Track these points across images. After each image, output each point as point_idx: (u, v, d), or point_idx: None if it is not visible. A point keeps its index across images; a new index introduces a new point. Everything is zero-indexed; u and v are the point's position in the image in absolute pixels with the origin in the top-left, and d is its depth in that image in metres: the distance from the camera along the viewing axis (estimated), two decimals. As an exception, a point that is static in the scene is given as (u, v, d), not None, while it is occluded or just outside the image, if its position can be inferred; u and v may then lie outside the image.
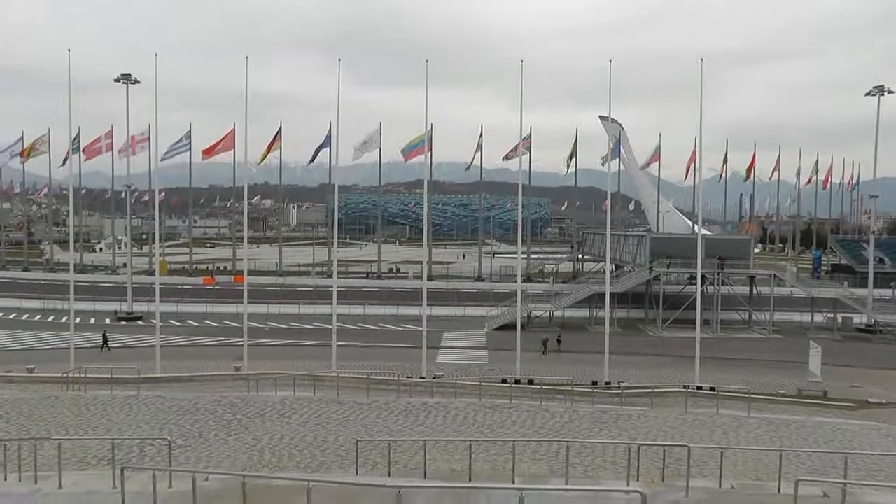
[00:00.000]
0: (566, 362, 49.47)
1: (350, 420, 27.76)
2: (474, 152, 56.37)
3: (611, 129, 57.57)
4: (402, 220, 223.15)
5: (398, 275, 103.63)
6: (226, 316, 67.79)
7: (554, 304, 68.02)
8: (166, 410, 29.21)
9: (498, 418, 28.40)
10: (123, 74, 69.01)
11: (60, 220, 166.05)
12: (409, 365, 43.37)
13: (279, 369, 39.94)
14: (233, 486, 13.58)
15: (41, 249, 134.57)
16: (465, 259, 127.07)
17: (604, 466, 21.18)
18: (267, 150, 47.19)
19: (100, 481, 16.47)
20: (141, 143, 51.69)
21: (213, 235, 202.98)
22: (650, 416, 29.82)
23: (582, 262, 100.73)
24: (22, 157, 54.60)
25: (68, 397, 33.05)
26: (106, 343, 54.80)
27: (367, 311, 71.12)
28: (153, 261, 74.71)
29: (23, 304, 75.62)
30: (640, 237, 77.23)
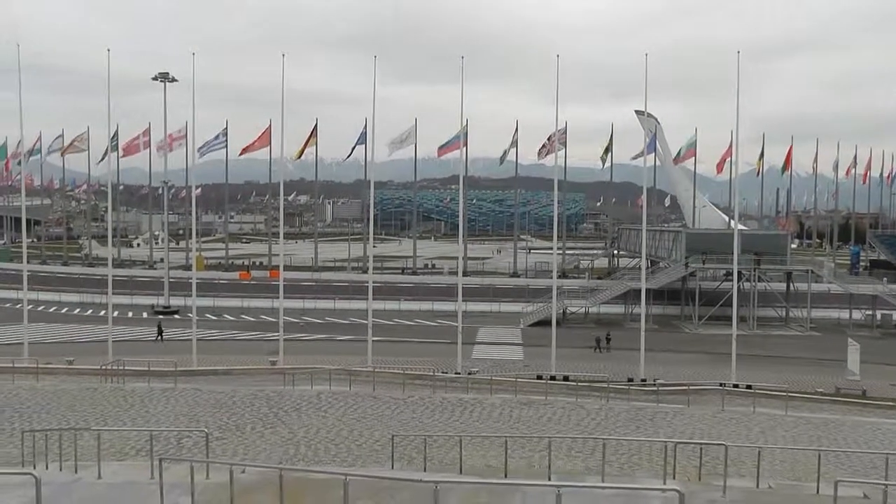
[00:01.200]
0: (612, 360, 49.08)
1: (386, 415, 27.88)
2: (509, 147, 56.07)
3: (646, 123, 57.20)
4: (438, 215, 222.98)
5: (433, 270, 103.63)
6: (261, 310, 68.29)
7: (589, 300, 67.76)
8: (203, 403, 29.53)
9: (533, 415, 28.39)
10: (161, 73, 69.86)
11: (99, 215, 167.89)
12: (444, 360, 43.45)
13: (315, 364, 40.20)
14: (270, 479, 13.70)
15: (80, 244, 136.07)
16: (501, 255, 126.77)
17: (640, 464, 21.09)
18: (303, 147, 47.47)
19: (138, 472, 16.68)
20: (178, 141, 52.18)
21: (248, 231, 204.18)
22: (686, 413, 29.64)
23: (617, 257, 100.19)
24: (62, 153, 55.30)
25: (107, 389, 33.52)
26: (161, 333, 55.75)
27: (403, 306, 71.32)
28: (190, 256, 75.32)
29: (62, 298, 76.75)
30: (676, 233, 76.72)
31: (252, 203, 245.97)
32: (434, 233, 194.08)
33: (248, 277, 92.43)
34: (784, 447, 23.35)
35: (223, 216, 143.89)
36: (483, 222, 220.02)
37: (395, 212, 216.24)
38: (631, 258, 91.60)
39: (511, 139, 56.54)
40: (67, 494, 14.53)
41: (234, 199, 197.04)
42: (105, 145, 48.52)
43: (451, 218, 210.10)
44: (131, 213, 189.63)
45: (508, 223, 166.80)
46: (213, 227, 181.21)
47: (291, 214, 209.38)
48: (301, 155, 48.51)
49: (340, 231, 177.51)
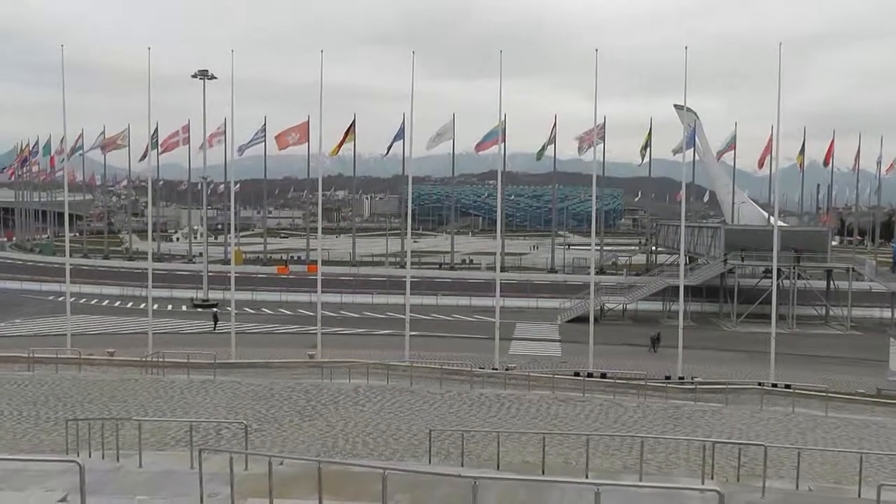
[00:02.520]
0: (650, 357, 48.89)
1: (423, 409, 28.00)
2: (547, 143, 55.91)
3: (685, 117, 56.66)
4: (475, 211, 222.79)
5: (471, 266, 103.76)
6: (299, 304, 68.76)
7: (627, 297, 67.40)
8: (242, 395, 29.84)
9: (571, 411, 28.36)
10: (200, 70, 70.60)
11: (139, 210, 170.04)
12: (481, 356, 43.43)
13: (352, 358, 40.42)
14: (308, 471, 13.79)
15: (121, 238, 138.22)
16: (538, 250, 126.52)
17: (677, 463, 20.99)
18: (341, 142, 47.63)
19: (178, 461, 16.88)
20: (217, 137, 52.75)
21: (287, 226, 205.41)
22: (724, 412, 29.40)
23: (655, 254, 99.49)
24: (104, 150, 56.18)
25: (147, 380, 34.04)
26: (216, 323, 56.66)
27: (440, 301, 71.39)
28: (229, 250, 76.16)
29: (103, 291, 77.91)
30: (715, 229, 75.94)
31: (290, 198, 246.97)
32: (472, 228, 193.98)
33: (286, 272, 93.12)
34: (824, 449, 23.12)
35: (262, 211, 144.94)
36: (520, 218, 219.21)
37: (432, 207, 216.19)
38: (669, 254, 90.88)
39: (549, 134, 56.41)
40: (110, 482, 14.74)
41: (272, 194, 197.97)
42: (145, 142, 49.30)
43: (488, 213, 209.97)
44: (171, 209, 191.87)
45: (546, 219, 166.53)
46: (252, 222, 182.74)
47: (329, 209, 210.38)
48: (338, 151, 48.70)
49: (378, 226, 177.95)
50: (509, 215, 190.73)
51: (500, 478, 14.06)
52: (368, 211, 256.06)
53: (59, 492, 13.18)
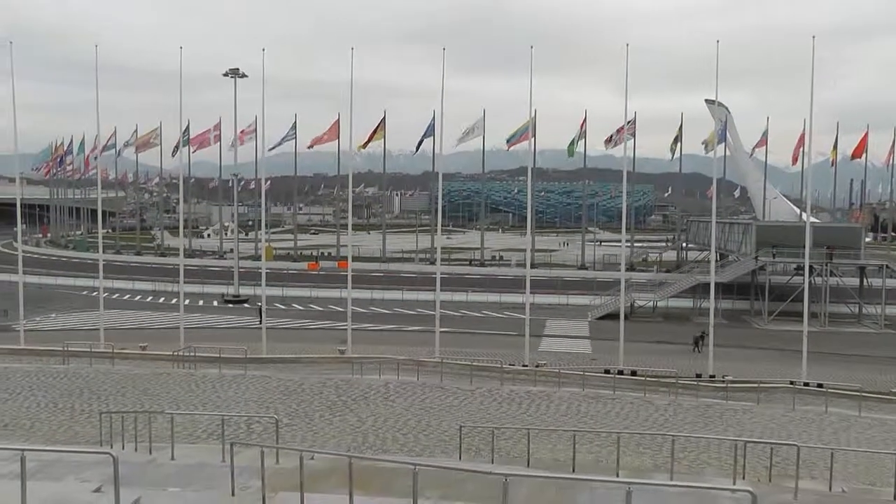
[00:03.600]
0: (680, 355, 48.31)
1: (453, 406, 28.05)
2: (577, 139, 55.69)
3: (717, 112, 56.16)
4: (506, 207, 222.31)
5: (501, 262, 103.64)
6: (330, 300, 69.04)
7: (657, 293, 67.04)
8: (272, 390, 30.07)
9: (601, 409, 28.28)
10: (232, 69, 71.14)
11: (170, 207, 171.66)
12: (511, 353, 43.38)
13: (382, 353, 40.55)
14: (339, 466, 13.87)
15: (152, 235, 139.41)
16: (568, 247, 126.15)
17: (709, 463, 20.86)
18: (370, 137, 47.71)
19: (210, 454, 17.10)
20: (248, 135, 53.22)
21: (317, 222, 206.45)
22: (756, 411, 29.18)
23: (686, 250, 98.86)
24: (137, 150, 56.85)
25: (179, 374, 34.46)
26: (261, 316, 57.25)
27: (470, 297, 71.37)
28: (259, 246, 76.54)
29: (135, 286, 78.77)
30: (746, 225, 75.24)
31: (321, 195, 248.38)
32: (502, 224, 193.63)
33: (317, 268, 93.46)
34: (858, 449, 22.85)
35: (292, 208, 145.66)
36: (551, 214, 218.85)
37: (462, 203, 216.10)
38: (700, 251, 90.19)
39: (579, 130, 56.20)
40: (143, 474, 14.90)
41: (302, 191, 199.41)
42: (177, 140, 49.76)
43: (518, 210, 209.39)
44: (202, 205, 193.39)
45: (576, 215, 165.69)
46: (282, 219, 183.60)
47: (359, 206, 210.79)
48: (367, 145, 48.80)
49: (408, 222, 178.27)
50: (539, 212, 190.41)
51: (530, 475, 14.03)
52: (398, 207, 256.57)
53: (94, 482, 13.37)
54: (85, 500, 12.54)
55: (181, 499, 13.48)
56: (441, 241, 61.71)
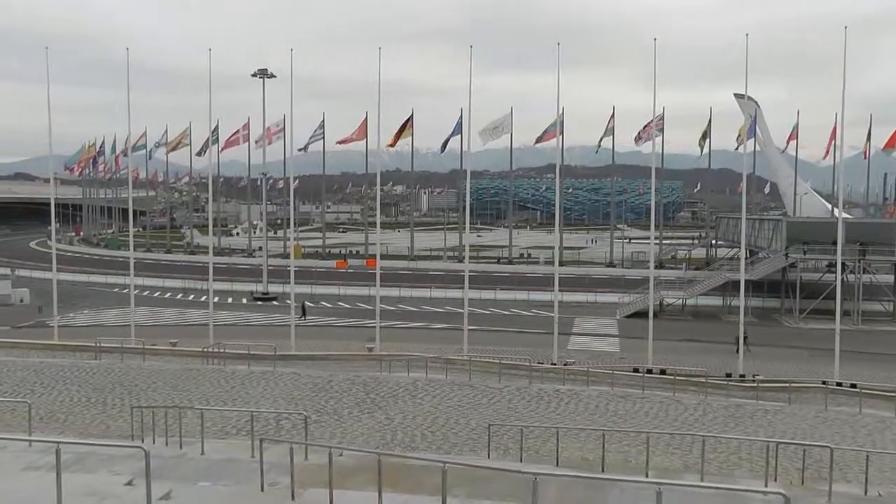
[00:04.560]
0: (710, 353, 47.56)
1: (482, 404, 28.02)
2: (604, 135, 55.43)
3: (746, 107, 55.61)
4: (533, 205, 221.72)
5: (529, 260, 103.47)
6: (358, 298, 69.24)
7: (686, 291, 66.55)
8: (301, 387, 30.22)
9: (630, 408, 28.12)
10: (260, 69, 71.70)
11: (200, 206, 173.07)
12: (539, 351, 43.28)
13: (411, 351, 40.61)
14: (367, 463, 13.91)
15: (182, 233, 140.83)
16: (596, 244, 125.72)
17: (739, 464, 20.64)
18: (398, 135, 47.75)
19: (239, 450, 17.18)
20: (276, 134, 53.41)
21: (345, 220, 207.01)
22: (787, 412, 28.78)
23: (715, 247, 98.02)
24: (168, 150, 57.58)
25: (209, 370, 34.75)
26: (304, 314, 57.76)
27: (498, 295, 71.28)
28: (288, 244, 77.04)
29: (166, 284, 79.53)
30: (776, 221, 74.21)
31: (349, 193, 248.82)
32: (530, 222, 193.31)
33: (345, 266, 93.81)
34: (894, 452, 22.51)
35: (320, 206, 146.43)
36: (579, 211, 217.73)
37: (490, 201, 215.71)
38: (729, 248, 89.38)
39: (606, 126, 55.95)
40: (173, 468, 15.07)
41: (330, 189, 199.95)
42: (206, 140, 50.30)
43: (546, 207, 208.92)
44: (231, 204, 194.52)
45: (604, 212, 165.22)
46: (311, 217, 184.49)
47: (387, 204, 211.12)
48: (396, 143, 48.84)
49: (436, 220, 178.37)
50: (567, 209, 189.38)
51: (559, 474, 14.00)
52: (426, 205, 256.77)
53: (126, 475, 13.58)
54: (117, 493, 12.73)
55: (211, 493, 13.61)
56: (469, 239, 61.68)
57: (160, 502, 11.66)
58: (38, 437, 16.79)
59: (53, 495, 10.46)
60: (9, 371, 33.28)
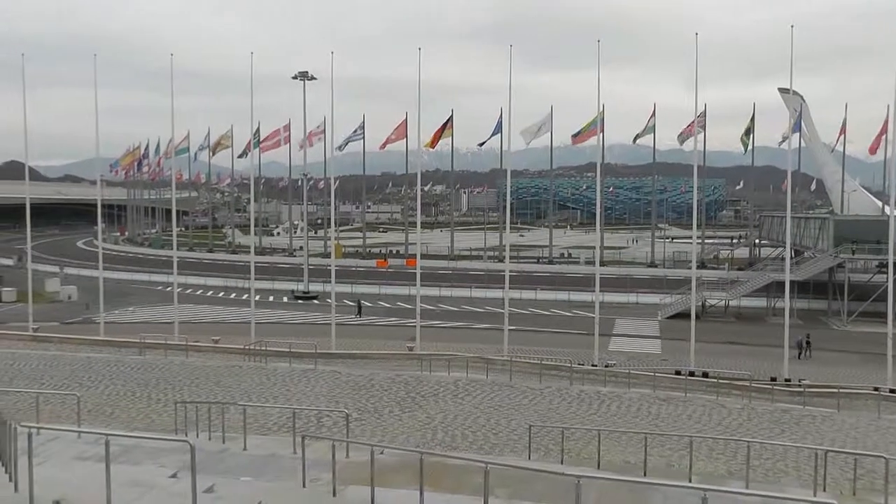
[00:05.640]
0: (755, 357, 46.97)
1: (523, 405, 27.90)
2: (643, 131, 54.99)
3: (791, 101, 54.73)
4: (573, 204, 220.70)
5: (569, 259, 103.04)
6: (398, 297, 69.47)
7: (729, 292, 65.79)
8: (342, 385, 30.30)
9: (672, 411, 27.80)
10: (301, 72, 72.31)
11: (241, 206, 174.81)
12: (580, 352, 43.05)
13: (451, 351, 40.60)
14: (409, 462, 13.89)
15: (224, 233, 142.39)
16: (638, 244, 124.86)
17: (786, 471, 20.19)
18: (438, 136, 47.75)
19: (281, 446, 17.28)
20: (317, 136, 53.89)
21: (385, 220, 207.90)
22: (837, 419, 28.09)
23: (759, 247, 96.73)
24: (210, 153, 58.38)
25: (250, 367, 35.05)
26: (360, 311, 58.26)
27: (539, 295, 71.08)
28: (328, 244, 77.43)
29: (207, 282, 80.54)
30: (823, 220, 72.90)
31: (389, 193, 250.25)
32: (570, 222, 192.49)
33: (385, 265, 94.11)
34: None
35: (361, 206, 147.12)
36: (619, 211, 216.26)
37: (530, 200, 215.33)
38: (773, 248, 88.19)
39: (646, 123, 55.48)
40: (216, 462, 15.22)
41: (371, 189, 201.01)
42: (247, 141, 50.90)
43: (586, 206, 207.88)
44: (272, 204, 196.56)
45: (645, 211, 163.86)
46: (351, 217, 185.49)
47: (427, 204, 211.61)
48: (435, 144, 48.88)
49: (476, 220, 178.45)
50: (608, 208, 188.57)
51: (602, 477, 13.86)
52: (466, 205, 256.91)
53: (171, 468, 13.75)
54: (163, 485, 12.89)
55: (254, 488, 13.68)
56: (511, 239, 61.47)
57: (204, 495, 11.74)
58: (87, 429, 17.06)
59: (102, 484, 10.62)
60: (58, 365, 33.94)
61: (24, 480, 10.99)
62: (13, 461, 11.59)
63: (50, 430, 15.48)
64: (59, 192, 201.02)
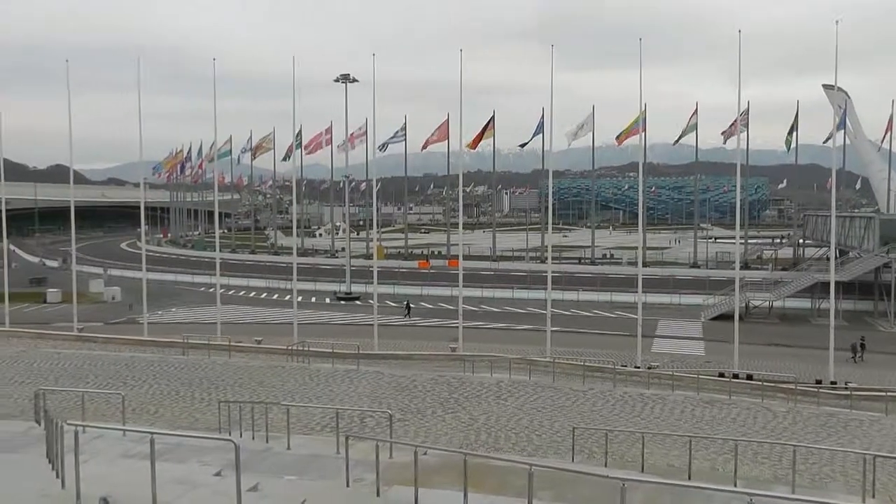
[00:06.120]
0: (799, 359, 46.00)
1: (566, 406, 27.81)
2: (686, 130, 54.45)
3: (835, 98, 53.96)
4: (615, 204, 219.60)
5: (611, 260, 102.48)
6: (440, 298, 69.56)
7: (773, 293, 64.93)
8: (385, 385, 30.39)
9: (716, 414, 27.53)
10: (342, 74, 72.78)
11: (283, 208, 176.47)
12: (623, 353, 42.83)
13: (493, 352, 40.58)
14: (452, 463, 13.92)
15: (266, 235, 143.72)
16: (680, 244, 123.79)
17: (833, 477, 19.88)
18: (479, 137, 47.81)
19: (324, 446, 17.44)
20: (359, 138, 54.28)
21: (427, 221, 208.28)
22: (885, 423, 27.59)
23: (803, 247, 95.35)
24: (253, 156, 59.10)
25: (293, 367, 35.33)
26: (409, 311, 58.68)
27: (581, 296, 70.78)
28: (370, 245, 77.91)
29: (250, 283, 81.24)
30: (868, 219, 71.60)
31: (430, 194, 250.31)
32: (612, 222, 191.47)
33: (427, 266, 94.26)
34: None
35: (402, 207, 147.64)
36: (661, 211, 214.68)
37: (572, 201, 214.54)
38: (818, 247, 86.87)
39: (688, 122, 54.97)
40: (260, 461, 15.40)
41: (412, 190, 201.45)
42: (289, 144, 51.41)
43: (629, 206, 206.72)
44: (314, 206, 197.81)
45: (688, 211, 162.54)
46: (393, 218, 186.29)
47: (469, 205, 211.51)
48: (477, 145, 48.93)
49: (518, 221, 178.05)
50: (650, 208, 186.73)
51: (647, 480, 13.81)
52: (508, 206, 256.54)
53: (215, 467, 13.93)
54: (208, 483, 13.06)
55: (298, 487, 13.80)
56: (553, 239, 61.29)
57: (249, 494, 11.88)
58: (132, 427, 17.32)
59: (147, 481, 10.81)
60: (103, 364, 34.52)
61: (70, 477, 11.21)
62: (60, 458, 11.84)
63: (95, 428, 15.70)
64: (104, 195, 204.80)
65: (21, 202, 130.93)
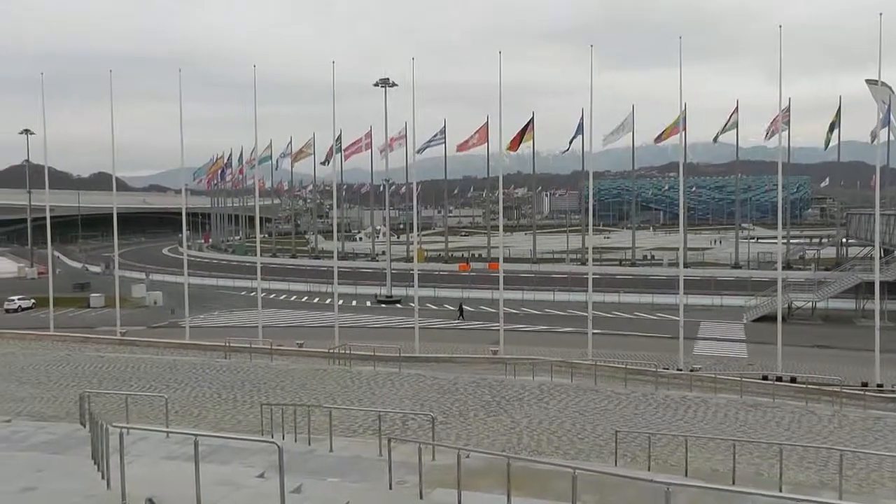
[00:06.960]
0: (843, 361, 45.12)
1: (608, 409, 27.68)
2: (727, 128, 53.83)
3: (879, 93, 52.90)
4: (656, 205, 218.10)
5: (652, 261, 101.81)
6: (481, 301, 69.47)
7: (816, 294, 63.97)
8: (427, 388, 30.47)
9: (760, 418, 27.20)
10: (382, 79, 73.10)
11: (324, 212, 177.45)
12: (664, 356, 42.52)
13: (534, 354, 40.48)
14: (495, 466, 13.94)
15: (307, 239, 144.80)
16: (721, 244, 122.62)
17: (881, 482, 19.50)
18: (519, 139, 47.79)
19: (366, 448, 17.49)
20: (398, 141, 54.53)
21: (467, 224, 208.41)
22: (934, 428, 27.18)
23: (847, 246, 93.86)
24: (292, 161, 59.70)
25: (335, 370, 35.51)
26: (462, 314, 58.89)
27: (622, 298, 70.42)
28: (411, 248, 78.11)
29: (291, 287, 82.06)
30: (914, 217, 70.43)
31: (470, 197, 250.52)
32: (652, 223, 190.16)
33: (468, 269, 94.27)
34: None
35: (442, 210, 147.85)
36: (702, 210, 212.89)
37: (612, 202, 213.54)
38: (862, 247, 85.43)
39: (728, 120, 54.40)
40: (303, 463, 15.49)
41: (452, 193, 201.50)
42: (329, 148, 51.84)
43: (669, 207, 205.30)
44: (354, 210, 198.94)
45: (729, 211, 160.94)
46: (433, 221, 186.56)
47: (509, 207, 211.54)
48: (517, 147, 48.91)
49: (558, 223, 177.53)
50: (691, 208, 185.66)
51: (692, 485, 13.66)
52: (548, 208, 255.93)
53: (258, 468, 14.04)
54: (251, 484, 13.15)
55: (341, 489, 13.84)
56: (594, 241, 60.98)
57: (292, 495, 11.97)
58: (175, 429, 17.53)
59: (191, 482, 10.91)
60: (145, 367, 35.06)
61: (115, 478, 11.39)
62: (105, 460, 12.03)
63: (140, 430, 15.98)
64: (145, 201, 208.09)
65: (65, 209, 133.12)
